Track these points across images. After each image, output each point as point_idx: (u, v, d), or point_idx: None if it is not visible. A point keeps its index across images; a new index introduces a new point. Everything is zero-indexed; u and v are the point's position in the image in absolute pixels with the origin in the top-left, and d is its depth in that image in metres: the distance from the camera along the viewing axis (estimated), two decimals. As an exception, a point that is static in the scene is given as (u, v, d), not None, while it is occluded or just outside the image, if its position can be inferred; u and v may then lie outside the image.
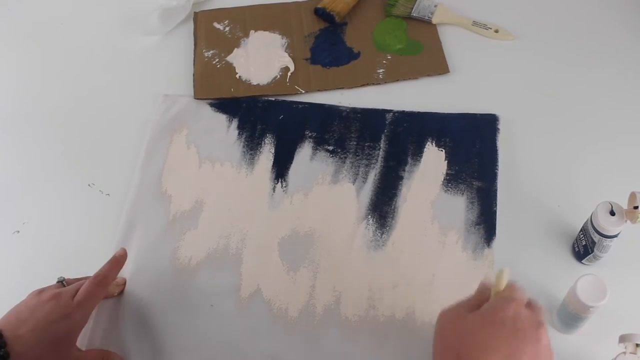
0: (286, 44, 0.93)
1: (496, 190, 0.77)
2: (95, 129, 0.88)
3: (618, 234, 0.66)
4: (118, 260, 0.72)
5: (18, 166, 0.86)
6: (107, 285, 0.69)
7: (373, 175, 0.80)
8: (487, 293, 0.59)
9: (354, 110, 0.85)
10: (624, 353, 0.59)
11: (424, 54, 0.90)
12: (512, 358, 0.52)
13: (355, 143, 0.83)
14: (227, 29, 0.95)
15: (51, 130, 0.89)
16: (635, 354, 0.59)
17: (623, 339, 0.60)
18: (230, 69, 0.91)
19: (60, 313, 0.64)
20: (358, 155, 0.82)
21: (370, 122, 0.84)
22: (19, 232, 0.80)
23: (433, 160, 0.80)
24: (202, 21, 0.96)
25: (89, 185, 0.83)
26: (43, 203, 0.82)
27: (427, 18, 0.93)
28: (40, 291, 0.67)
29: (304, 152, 0.82)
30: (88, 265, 0.76)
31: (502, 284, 0.58)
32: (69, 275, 0.76)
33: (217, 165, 0.82)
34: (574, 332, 0.68)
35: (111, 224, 0.79)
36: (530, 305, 0.57)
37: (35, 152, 0.87)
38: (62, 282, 0.70)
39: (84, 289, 0.67)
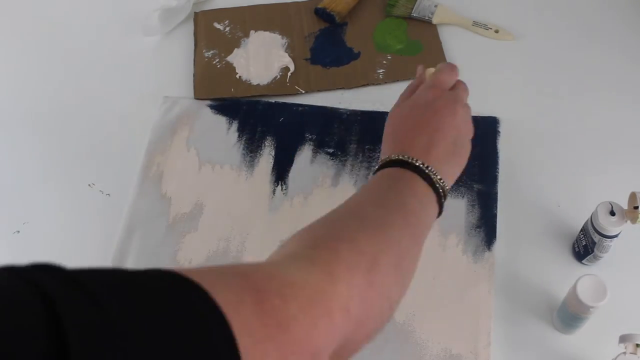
0: (286, 44, 0.93)
1: (496, 193, 0.77)
2: (95, 129, 0.88)
3: (618, 234, 0.66)
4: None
5: (18, 166, 0.86)
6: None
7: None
8: (421, 80, 0.68)
9: (354, 113, 0.85)
10: (624, 353, 0.59)
11: (424, 54, 0.90)
12: (436, 133, 0.61)
13: (355, 146, 0.82)
14: (227, 29, 0.95)
15: (51, 130, 0.89)
16: (635, 354, 0.59)
17: (623, 339, 0.60)
18: (231, 69, 0.91)
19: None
20: (358, 158, 0.81)
21: (370, 124, 0.84)
22: (19, 232, 0.80)
23: (433, 162, 0.81)
24: (202, 21, 0.96)
25: (89, 185, 0.83)
26: (43, 203, 0.82)
27: (427, 18, 0.93)
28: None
29: (304, 154, 0.82)
30: (88, 266, 0.77)
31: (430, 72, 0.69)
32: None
33: (217, 168, 0.82)
34: (574, 332, 0.68)
35: (111, 224, 0.79)
36: (453, 87, 0.67)
37: (36, 152, 0.87)
38: None
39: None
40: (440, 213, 0.59)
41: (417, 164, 0.58)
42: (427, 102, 0.64)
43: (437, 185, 0.58)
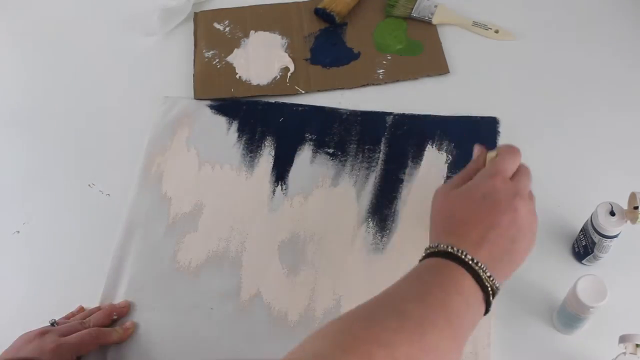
0: (286, 44, 0.93)
1: (497, 193, 0.77)
2: (95, 129, 0.88)
3: (618, 234, 0.66)
4: (119, 312, 0.72)
5: (18, 166, 0.86)
6: (101, 343, 0.69)
7: (373, 178, 0.80)
8: (479, 163, 0.64)
9: (354, 113, 0.85)
10: (624, 353, 0.59)
11: (424, 55, 0.90)
12: (491, 229, 0.56)
13: (355, 146, 0.82)
14: (227, 29, 0.95)
15: (51, 130, 0.89)
16: (635, 354, 0.59)
17: (623, 339, 0.60)
18: (231, 69, 0.91)
19: (42, 349, 0.64)
20: (358, 158, 0.81)
21: (370, 125, 0.84)
22: (19, 232, 0.80)
23: (433, 163, 0.80)
24: (202, 21, 0.96)
25: (89, 185, 0.83)
26: (43, 203, 0.82)
27: (427, 18, 0.93)
28: (29, 332, 0.67)
29: (304, 155, 0.82)
30: (88, 266, 0.77)
31: (492, 156, 0.64)
32: (69, 276, 0.76)
33: (217, 168, 0.82)
34: (574, 332, 0.68)
35: (111, 224, 0.79)
36: (515, 175, 0.61)
37: (36, 152, 0.87)
38: (53, 324, 0.70)
39: (80, 334, 0.67)
40: (487, 311, 0.55)
41: (467, 260, 0.54)
42: (486, 193, 0.58)
43: (487, 283, 0.54)
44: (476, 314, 0.54)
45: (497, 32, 0.91)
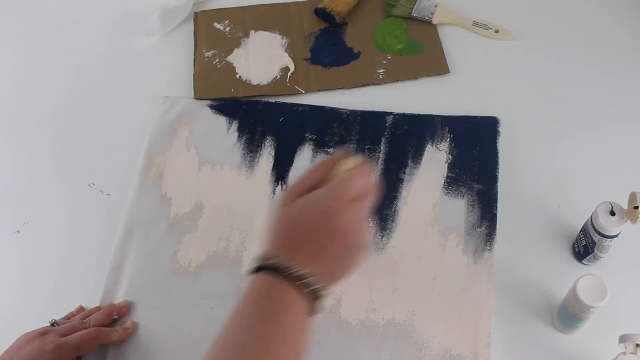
0: (286, 44, 0.93)
1: (497, 193, 0.77)
2: (95, 129, 0.88)
3: (618, 234, 0.66)
4: (119, 312, 0.72)
5: (18, 166, 0.86)
6: (101, 343, 0.69)
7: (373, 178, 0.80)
8: (327, 170, 0.57)
9: (354, 113, 0.85)
10: (624, 353, 0.59)
11: (424, 54, 0.90)
12: (324, 249, 0.53)
13: (355, 145, 0.82)
14: (227, 29, 0.95)
15: (51, 130, 0.89)
16: (635, 354, 0.59)
17: (623, 339, 0.60)
18: (231, 69, 0.91)
19: (42, 350, 0.64)
20: (358, 158, 0.82)
21: (370, 124, 0.84)
22: (19, 232, 0.80)
23: (433, 163, 0.80)
24: (202, 21, 0.96)
25: (89, 185, 0.83)
26: (43, 203, 0.82)
27: (427, 18, 0.93)
28: (29, 332, 0.67)
29: (304, 154, 0.82)
30: (88, 266, 0.77)
31: (343, 169, 0.56)
32: (69, 276, 0.76)
33: (217, 168, 0.82)
34: (574, 332, 0.68)
35: (111, 224, 0.79)
36: (356, 198, 0.55)
37: (36, 152, 0.87)
38: (53, 324, 0.70)
39: (80, 334, 0.67)
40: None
41: (297, 275, 0.51)
42: (326, 213, 0.54)
43: (314, 295, 0.52)
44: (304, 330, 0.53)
45: (497, 32, 0.91)
